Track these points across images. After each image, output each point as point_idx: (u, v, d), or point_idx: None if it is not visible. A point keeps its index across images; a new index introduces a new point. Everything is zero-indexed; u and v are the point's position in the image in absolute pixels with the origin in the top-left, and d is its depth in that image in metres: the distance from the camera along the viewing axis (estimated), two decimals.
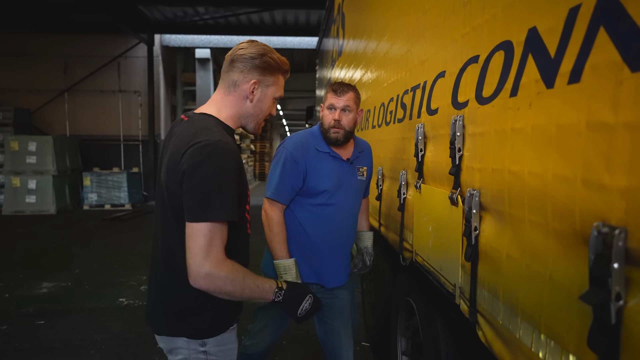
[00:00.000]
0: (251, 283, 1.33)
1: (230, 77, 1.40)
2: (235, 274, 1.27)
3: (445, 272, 1.42)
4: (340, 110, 1.99)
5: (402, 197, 1.93)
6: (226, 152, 1.26)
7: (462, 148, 1.29)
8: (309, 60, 16.06)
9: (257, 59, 1.39)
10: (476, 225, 1.17)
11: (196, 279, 1.23)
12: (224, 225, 1.25)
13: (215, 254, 1.24)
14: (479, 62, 1.19)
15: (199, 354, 1.37)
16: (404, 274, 2.31)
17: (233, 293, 1.29)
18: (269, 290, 1.40)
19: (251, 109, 1.44)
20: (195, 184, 1.23)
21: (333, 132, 2.00)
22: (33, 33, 11.57)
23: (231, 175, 1.27)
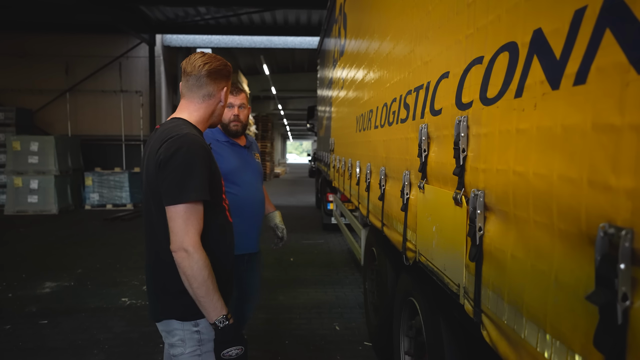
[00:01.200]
0: (210, 287, 1.43)
1: (205, 90, 1.63)
2: (203, 265, 1.41)
3: (449, 272, 1.42)
4: (237, 107, 2.43)
5: (405, 197, 1.93)
6: (194, 142, 1.47)
7: (466, 149, 1.29)
8: (310, 60, 16.07)
9: (224, 69, 1.66)
10: (480, 226, 1.18)
11: (175, 250, 1.41)
12: (198, 205, 1.43)
13: (193, 234, 1.41)
14: (483, 63, 1.19)
15: (193, 333, 1.53)
16: (407, 274, 2.32)
17: (192, 280, 1.40)
18: (219, 309, 1.45)
19: (221, 109, 1.72)
20: (170, 171, 1.43)
21: (233, 125, 2.43)
22: (35, 33, 11.59)
23: (201, 162, 1.46)
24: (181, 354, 1.54)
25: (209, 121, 1.71)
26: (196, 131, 1.60)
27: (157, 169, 1.46)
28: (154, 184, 1.49)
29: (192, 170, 1.44)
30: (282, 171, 27.77)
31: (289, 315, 4.10)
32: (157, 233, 1.51)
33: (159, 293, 1.57)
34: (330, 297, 4.61)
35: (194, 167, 1.44)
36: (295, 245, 7.03)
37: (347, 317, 4.06)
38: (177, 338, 1.54)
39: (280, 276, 5.35)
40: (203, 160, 1.47)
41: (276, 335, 3.66)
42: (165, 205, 1.44)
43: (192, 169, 1.44)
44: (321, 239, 7.54)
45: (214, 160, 1.58)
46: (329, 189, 7.24)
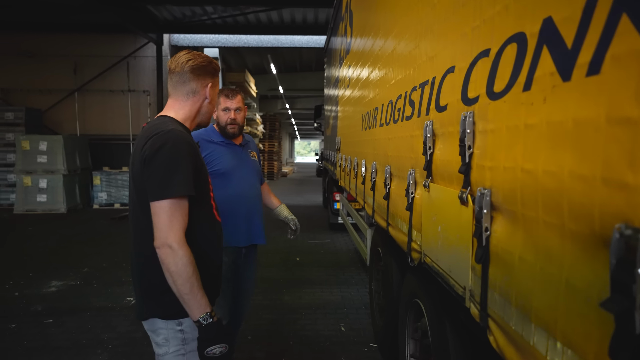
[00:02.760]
0: (195, 284, 1.42)
1: (189, 86, 1.63)
2: (187, 262, 1.40)
3: (454, 274, 1.37)
4: (234, 111, 2.49)
5: (410, 196, 1.88)
6: (179, 138, 1.47)
7: (472, 146, 1.24)
8: (317, 59, 16.03)
9: (208, 66, 1.66)
10: (487, 226, 1.13)
11: (159, 246, 1.40)
12: (183, 201, 1.43)
13: (177, 230, 1.40)
14: (490, 56, 1.14)
15: (177, 332, 1.53)
16: (412, 275, 2.27)
17: (176, 276, 1.39)
18: (202, 306, 1.44)
19: (210, 105, 1.71)
20: (154, 167, 1.42)
21: (230, 128, 2.49)
22: (43, 34, 11.65)
23: (185, 158, 1.45)
24: (165, 353, 1.55)
25: (196, 119, 1.70)
26: (182, 128, 1.59)
27: (142, 165, 1.46)
28: (139, 181, 1.48)
29: (177, 165, 1.43)
30: (289, 170, 27.75)
31: (294, 315, 4.06)
32: (142, 231, 1.50)
33: (144, 291, 1.57)
34: (336, 298, 4.56)
35: (178, 163, 1.44)
36: (302, 244, 6.99)
37: (353, 318, 4.01)
38: (161, 337, 1.55)
39: (286, 276, 5.31)
40: (188, 156, 1.47)
41: (281, 335, 3.62)
42: (149, 201, 1.43)
43: (177, 164, 1.44)
44: (328, 238, 7.50)
45: (200, 157, 1.59)
46: (335, 188, 7.19)
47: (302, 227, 2.92)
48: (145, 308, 1.56)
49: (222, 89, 2.49)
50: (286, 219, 2.80)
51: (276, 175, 22.32)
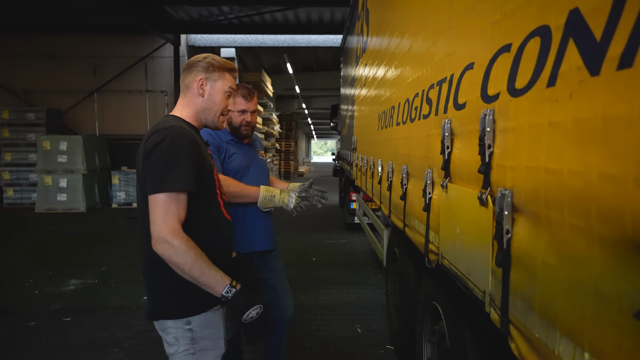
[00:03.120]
0: (203, 265, 1.42)
1: (184, 83, 1.65)
2: (187, 248, 1.39)
3: (473, 278, 1.33)
4: (250, 113, 2.41)
5: (427, 196, 1.83)
6: (180, 134, 1.47)
7: (492, 144, 1.19)
8: (333, 58, 15.98)
9: (201, 61, 1.64)
10: (508, 228, 1.08)
11: (155, 243, 1.39)
12: (180, 195, 1.42)
13: (171, 223, 1.38)
14: (511, 51, 1.09)
15: (186, 332, 1.52)
16: (430, 277, 2.22)
17: (182, 266, 1.39)
18: (220, 281, 1.46)
19: (205, 102, 1.65)
20: (153, 161, 1.43)
21: (244, 130, 2.41)
22: (64, 35, 11.84)
23: (185, 153, 1.45)
24: (175, 352, 1.55)
25: (200, 118, 1.67)
26: (187, 126, 1.58)
27: (143, 159, 1.47)
28: (142, 178, 1.48)
29: (176, 160, 1.43)
30: (306, 170, 27.77)
31: (309, 316, 4.04)
32: (147, 229, 1.48)
33: (151, 290, 1.57)
34: (352, 298, 4.53)
35: (177, 158, 1.43)
36: (318, 244, 6.97)
37: (369, 319, 3.97)
38: (171, 336, 1.55)
39: (302, 276, 5.29)
40: (188, 151, 1.46)
41: (296, 336, 3.60)
42: (147, 195, 1.43)
43: (176, 159, 1.43)
44: (344, 238, 7.46)
45: (203, 153, 1.56)
46: (351, 188, 7.14)
47: (318, 227, 2.88)
48: (154, 307, 1.57)
49: (238, 88, 2.37)
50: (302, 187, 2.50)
51: (292, 175, 22.35)
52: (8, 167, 11.02)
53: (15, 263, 5.80)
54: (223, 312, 1.64)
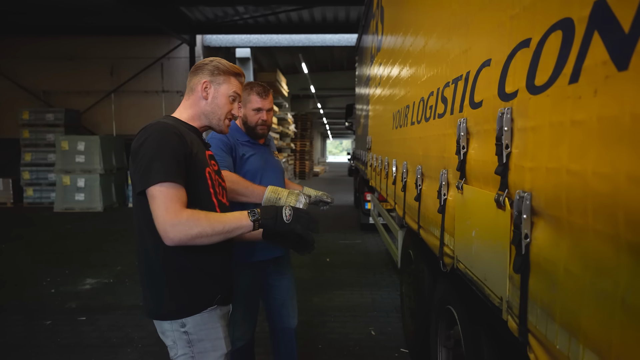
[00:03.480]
0: (217, 217, 1.43)
1: (189, 85, 1.64)
2: (195, 214, 1.38)
3: (490, 283, 1.27)
4: (266, 111, 2.32)
5: (442, 198, 1.78)
6: (163, 129, 1.44)
7: (510, 144, 1.14)
8: (348, 58, 15.92)
9: (208, 64, 1.63)
10: (527, 233, 1.03)
11: (165, 235, 1.35)
12: (174, 184, 1.38)
13: (173, 208, 1.35)
14: (530, 46, 1.04)
15: (182, 334, 1.50)
16: (445, 280, 2.16)
17: (204, 232, 1.37)
18: (241, 216, 1.47)
19: (208, 106, 1.63)
20: (140, 157, 1.41)
21: (260, 130, 2.32)
22: (82, 37, 12.00)
23: (170, 147, 1.41)
24: (175, 355, 1.53)
25: (201, 120, 1.65)
26: (181, 124, 1.56)
27: (131, 160, 1.46)
28: (133, 177, 1.46)
29: (160, 154, 1.40)
30: (321, 170, 27.74)
31: (323, 318, 4.00)
32: (140, 228, 1.48)
33: (145, 291, 1.55)
34: (366, 300, 4.47)
35: (162, 152, 1.40)
36: (332, 245, 6.93)
37: (383, 322, 3.92)
38: (169, 339, 1.53)
39: (316, 277, 5.25)
40: (173, 146, 1.43)
41: (309, 338, 3.56)
42: (137, 191, 1.42)
43: (160, 153, 1.40)
44: (358, 239, 7.41)
45: (193, 150, 1.51)
46: (366, 188, 7.09)
47: (333, 227, 2.82)
48: (150, 307, 1.54)
49: (252, 85, 2.33)
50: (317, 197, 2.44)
51: (308, 174, 22.34)
52: (28, 167, 11.22)
53: (33, 262, 5.88)
54: (220, 313, 1.60)
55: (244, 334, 2.35)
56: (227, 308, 1.68)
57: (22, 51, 12.17)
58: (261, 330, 3.14)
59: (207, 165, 1.60)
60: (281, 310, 2.44)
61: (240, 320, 2.33)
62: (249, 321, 2.37)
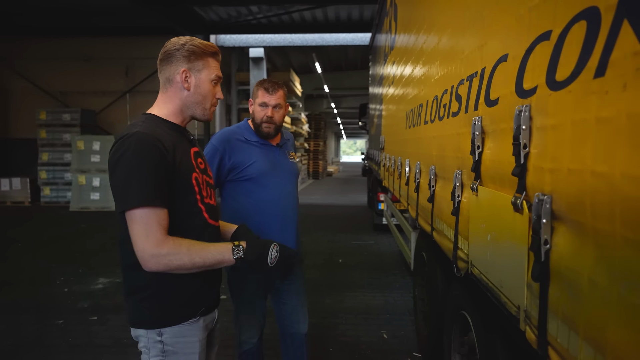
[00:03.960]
0: (200, 251, 1.37)
1: (164, 75, 1.49)
2: (177, 247, 1.32)
3: (507, 291, 1.20)
4: (272, 108, 2.19)
5: (456, 200, 1.71)
6: (143, 141, 1.33)
7: (528, 144, 1.07)
8: (362, 57, 15.82)
9: (180, 49, 1.46)
10: (546, 238, 0.96)
11: (144, 263, 1.31)
12: (155, 209, 1.31)
13: (154, 236, 1.30)
14: (551, 39, 0.97)
15: (156, 343, 1.44)
16: (459, 285, 2.09)
17: (184, 266, 1.34)
18: (225, 251, 1.42)
19: (191, 96, 1.50)
20: (117, 176, 1.33)
21: (265, 127, 2.20)
22: (98, 38, 12.13)
23: (148, 163, 1.32)
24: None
25: (183, 113, 1.52)
26: (160, 127, 1.44)
27: (110, 174, 1.38)
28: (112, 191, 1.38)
29: (139, 173, 1.31)
30: (335, 170, 27.68)
31: (334, 320, 3.94)
32: (123, 238, 1.41)
33: (126, 298, 1.48)
34: (378, 302, 4.41)
35: (141, 170, 1.31)
36: (345, 245, 6.87)
37: (396, 324, 3.85)
38: (142, 344, 1.47)
39: (328, 278, 5.20)
40: (152, 162, 1.33)
41: (320, 341, 3.51)
42: (118, 211, 1.35)
43: (139, 172, 1.31)
44: (371, 239, 7.33)
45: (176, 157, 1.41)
46: (380, 188, 7.01)
47: (345, 228, 2.74)
48: (129, 315, 1.48)
49: (262, 81, 2.23)
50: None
51: (321, 174, 22.30)
52: (45, 167, 11.37)
53: (48, 260, 5.92)
54: (202, 325, 1.52)
55: (250, 338, 2.30)
56: (212, 316, 1.60)
57: (40, 53, 12.35)
58: (273, 332, 3.10)
59: (193, 170, 1.50)
60: (291, 315, 2.38)
61: (245, 324, 2.29)
62: (255, 325, 2.31)
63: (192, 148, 1.56)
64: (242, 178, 2.18)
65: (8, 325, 3.82)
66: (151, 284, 1.41)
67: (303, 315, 2.41)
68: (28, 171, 11.87)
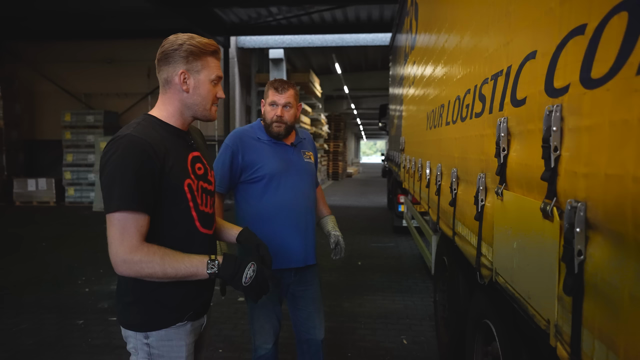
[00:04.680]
0: (173, 262, 1.33)
1: (162, 76, 1.46)
2: (151, 256, 1.30)
3: (535, 303, 1.13)
4: (282, 107, 2.15)
5: (479, 204, 1.64)
6: (132, 143, 1.32)
7: (559, 147, 1.00)
8: (383, 57, 15.72)
9: (178, 49, 1.42)
10: (580, 249, 0.89)
11: (116, 266, 1.31)
12: (135, 214, 1.30)
13: (129, 241, 1.29)
14: (585, 33, 0.90)
15: (143, 345, 1.44)
16: (482, 292, 2.01)
17: (155, 274, 1.32)
18: (200, 264, 1.37)
19: (190, 98, 1.46)
20: (104, 178, 1.33)
21: (275, 127, 2.16)
22: (121, 41, 12.31)
23: (133, 167, 1.30)
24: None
25: (184, 114, 1.49)
26: (156, 129, 1.42)
27: (100, 171, 1.36)
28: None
29: (123, 177, 1.30)
30: (354, 171, 27.58)
31: (353, 324, 3.88)
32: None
33: (117, 300, 1.50)
34: (398, 306, 4.33)
35: (125, 174, 1.30)
36: (364, 248, 6.80)
37: (416, 330, 3.76)
38: (130, 345, 1.47)
39: (347, 281, 5.14)
40: (138, 166, 1.31)
41: (338, 346, 3.45)
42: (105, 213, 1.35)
43: (123, 175, 1.30)
44: (391, 242, 7.24)
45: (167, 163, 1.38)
46: (400, 190, 6.92)
47: (365, 230, 2.68)
48: (118, 316, 1.50)
49: (273, 80, 2.22)
50: (328, 234, 2.39)
51: (341, 175, 22.23)
52: (69, 167, 11.59)
53: (71, 260, 6.01)
54: (190, 329, 1.51)
55: (265, 343, 2.25)
56: (200, 321, 1.58)
57: (65, 55, 12.61)
58: (290, 336, 3.05)
59: (187, 177, 1.46)
60: (307, 322, 2.33)
61: (258, 329, 2.25)
62: (269, 330, 2.25)
63: (190, 153, 1.52)
64: (254, 179, 2.16)
65: (31, 324, 3.88)
66: (138, 287, 1.42)
67: (319, 322, 2.36)
68: (53, 172, 12.12)
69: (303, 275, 2.30)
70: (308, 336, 2.34)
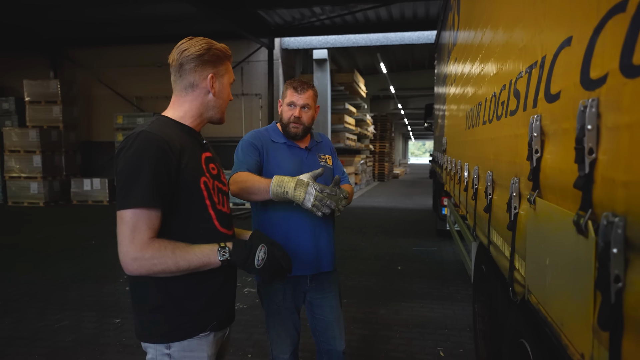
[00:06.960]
0: (184, 254, 1.31)
1: (186, 80, 1.45)
2: (162, 251, 1.28)
3: (568, 331, 0.97)
4: (300, 108, 2.10)
5: (512, 212, 1.47)
6: (147, 141, 1.30)
7: (595, 149, 0.84)
8: (430, 56, 15.34)
9: (205, 54, 1.44)
10: (618, 274, 0.73)
11: (125, 266, 1.28)
12: (147, 210, 1.28)
13: (140, 239, 1.26)
14: (627, 10, 0.74)
15: (164, 356, 1.39)
16: (518, 308, 1.82)
17: (168, 269, 1.29)
18: (210, 253, 1.36)
19: (214, 101, 1.49)
20: (118, 173, 1.31)
21: (293, 127, 2.11)
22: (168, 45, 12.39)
23: (150, 164, 1.28)
24: None
25: (202, 115, 1.51)
26: (170, 128, 1.41)
27: (114, 167, 1.35)
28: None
29: (139, 173, 1.27)
30: (401, 172, 27.14)
31: (387, 332, 3.72)
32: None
33: (134, 309, 1.45)
34: (436, 315, 4.12)
35: (141, 170, 1.28)
36: (406, 251, 6.59)
37: (454, 341, 3.56)
38: (150, 356, 1.42)
39: (385, 286, 4.97)
40: (155, 162, 1.29)
41: (370, 355, 3.31)
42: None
43: (139, 172, 1.28)
44: (434, 246, 6.98)
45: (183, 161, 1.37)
46: (443, 192, 6.66)
47: (408, 233, 2.49)
48: (136, 329, 1.45)
49: (292, 80, 2.18)
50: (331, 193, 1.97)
51: (387, 176, 21.93)
52: None
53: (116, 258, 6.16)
54: (212, 340, 1.46)
55: (281, 353, 2.15)
56: (223, 332, 1.54)
57: (118, 60, 13.16)
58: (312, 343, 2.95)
59: (202, 174, 1.45)
60: (326, 332, 2.22)
61: (275, 338, 2.16)
62: (285, 339, 2.16)
63: (203, 153, 1.51)
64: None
65: (72, 321, 3.98)
66: (160, 290, 1.37)
67: (339, 332, 2.24)
68: (107, 172, 12.64)
69: (319, 282, 2.20)
70: (328, 347, 2.22)
